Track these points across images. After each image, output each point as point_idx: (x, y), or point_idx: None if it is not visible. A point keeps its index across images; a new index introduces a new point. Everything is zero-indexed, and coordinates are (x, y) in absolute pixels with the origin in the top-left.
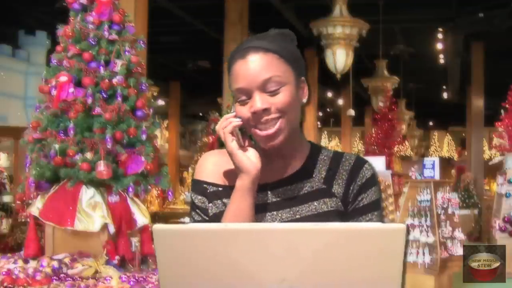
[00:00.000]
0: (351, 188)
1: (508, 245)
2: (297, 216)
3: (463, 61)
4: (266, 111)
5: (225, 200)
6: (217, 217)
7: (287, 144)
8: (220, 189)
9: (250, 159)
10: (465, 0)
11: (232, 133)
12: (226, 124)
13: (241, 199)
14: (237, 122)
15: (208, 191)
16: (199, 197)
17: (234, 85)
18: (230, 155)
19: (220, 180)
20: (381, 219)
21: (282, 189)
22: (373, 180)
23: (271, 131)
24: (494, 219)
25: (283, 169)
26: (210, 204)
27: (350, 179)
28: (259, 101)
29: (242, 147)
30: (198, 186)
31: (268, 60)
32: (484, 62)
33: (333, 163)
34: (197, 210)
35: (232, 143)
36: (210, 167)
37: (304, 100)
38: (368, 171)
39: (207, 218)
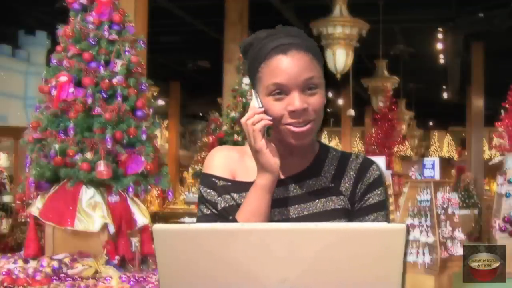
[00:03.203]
0: (358, 187)
1: (508, 245)
2: (304, 213)
3: (463, 61)
4: (304, 111)
5: (234, 195)
6: (226, 211)
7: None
8: (229, 183)
9: (273, 157)
10: (465, 0)
11: (261, 130)
12: (257, 120)
13: (259, 197)
14: (269, 120)
15: (218, 185)
16: (208, 190)
17: (271, 80)
18: (257, 152)
19: (229, 175)
20: (386, 219)
21: (291, 186)
22: (380, 180)
23: (304, 128)
24: (494, 219)
25: (292, 166)
26: (219, 198)
27: (358, 179)
28: (299, 100)
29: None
30: (207, 180)
31: (309, 60)
32: (484, 62)
33: (341, 162)
34: (206, 204)
35: (261, 142)
36: (219, 162)
37: (325, 102)
38: (375, 171)
39: (215, 212)
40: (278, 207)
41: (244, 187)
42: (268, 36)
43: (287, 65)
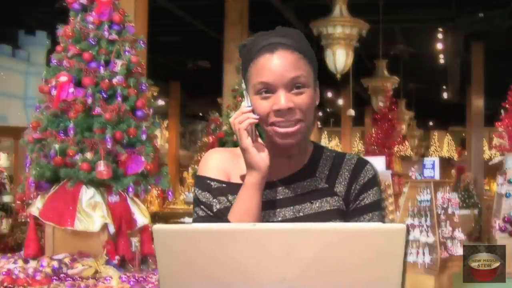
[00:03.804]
0: (353, 187)
1: (508, 245)
2: (300, 214)
3: (463, 61)
4: (290, 110)
5: (229, 196)
6: (221, 213)
7: (298, 144)
8: (224, 185)
9: (261, 156)
10: (465, 0)
11: (246, 128)
12: (243, 119)
13: (250, 196)
14: (254, 119)
15: (213, 187)
16: (203, 192)
17: (257, 78)
18: (244, 151)
19: (224, 177)
20: (382, 219)
21: (286, 187)
22: (374, 180)
23: (290, 129)
24: (494, 219)
25: (287, 168)
26: (215, 200)
27: (352, 179)
28: (284, 99)
29: (254, 143)
30: (202, 182)
31: (296, 59)
32: (484, 62)
33: (335, 163)
34: (201, 206)
35: (247, 140)
36: (214, 164)
37: (317, 103)
38: (369, 171)
39: (211, 214)
40: (273, 209)
41: (238, 188)
42: (260, 36)
43: (272, 63)
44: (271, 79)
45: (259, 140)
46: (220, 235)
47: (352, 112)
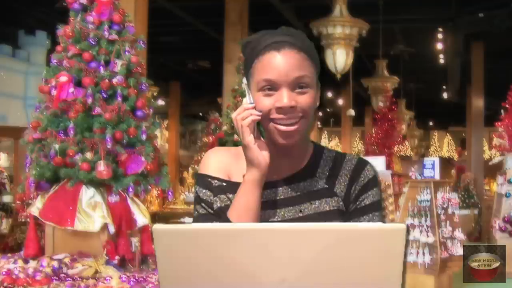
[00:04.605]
0: (353, 188)
1: (508, 245)
2: (299, 215)
3: (463, 61)
4: (292, 108)
5: (229, 195)
6: (221, 211)
7: (298, 144)
8: (224, 184)
9: (262, 153)
10: (465, 0)
11: (249, 125)
12: (246, 116)
13: (249, 192)
14: (257, 115)
15: (213, 185)
16: (204, 190)
17: (262, 75)
18: (245, 147)
19: (225, 176)
20: (382, 220)
21: (286, 187)
22: (374, 181)
23: (291, 128)
24: (494, 219)
25: (287, 168)
26: (215, 198)
27: (352, 180)
28: (287, 97)
29: (255, 140)
30: (203, 180)
31: (301, 59)
32: (484, 62)
33: (335, 163)
34: (202, 204)
35: (249, 137)
36: (215, 162)
37: (317, 104)
38: (369, 172)
39: (211, 212)
40: (273, 209)
41: (238, 187)
42: (266, 34)
43: (278, 61)
44: (276, 76)
45: (261, 138)
46: (220, 235)
47: (352, 112)
